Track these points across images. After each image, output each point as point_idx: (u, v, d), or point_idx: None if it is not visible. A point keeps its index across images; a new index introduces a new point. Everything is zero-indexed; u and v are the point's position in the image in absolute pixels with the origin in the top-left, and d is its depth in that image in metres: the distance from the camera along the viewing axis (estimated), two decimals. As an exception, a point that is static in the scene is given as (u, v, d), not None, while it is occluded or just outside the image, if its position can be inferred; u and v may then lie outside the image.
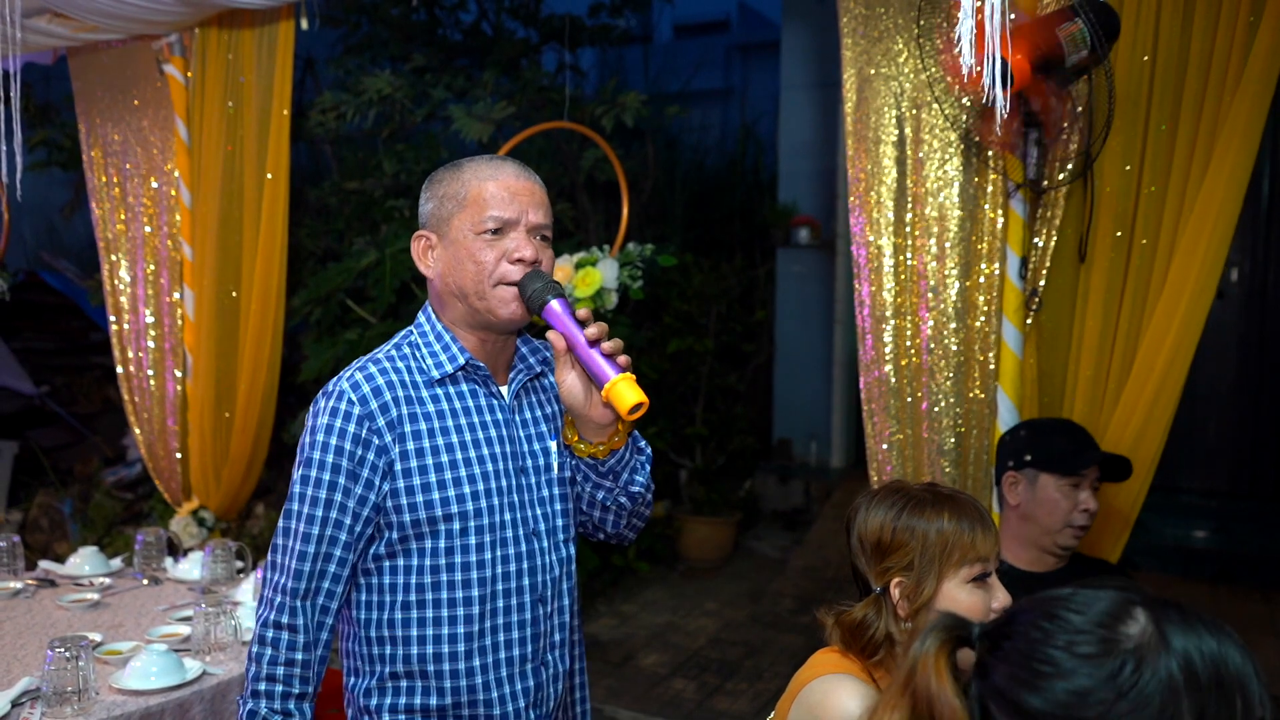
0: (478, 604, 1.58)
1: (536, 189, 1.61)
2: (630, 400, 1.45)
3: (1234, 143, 2.20)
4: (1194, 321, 2.29)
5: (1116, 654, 0.83)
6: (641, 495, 1.71)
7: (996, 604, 1.44)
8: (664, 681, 4.27)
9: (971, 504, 1.46)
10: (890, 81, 2.56)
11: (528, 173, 1.62)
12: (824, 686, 1.40)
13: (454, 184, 1.59)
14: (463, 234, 1.57)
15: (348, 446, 1.53)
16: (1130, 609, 0.86)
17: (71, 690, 1.98)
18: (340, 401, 1.54)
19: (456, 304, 1.60)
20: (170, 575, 2.93)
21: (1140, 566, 4.98)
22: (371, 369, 1.58)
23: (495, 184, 1.57)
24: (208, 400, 3.56)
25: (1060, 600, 0.89)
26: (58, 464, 5.69)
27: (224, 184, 3.49)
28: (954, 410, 2.54)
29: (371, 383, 1.56)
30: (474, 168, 1.60)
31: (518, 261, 1.56)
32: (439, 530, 1.56)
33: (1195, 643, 0.84)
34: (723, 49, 11.39)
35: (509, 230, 1.56)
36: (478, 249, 1.56)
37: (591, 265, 3.15)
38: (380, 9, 5.45)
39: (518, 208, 1.57)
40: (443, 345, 1.61)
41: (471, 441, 1.59)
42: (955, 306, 2.53)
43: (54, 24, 3.30)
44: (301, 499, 1.54)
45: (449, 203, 1.59)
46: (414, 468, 1.55)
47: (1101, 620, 0.86)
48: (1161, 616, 0.85)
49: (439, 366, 1.60)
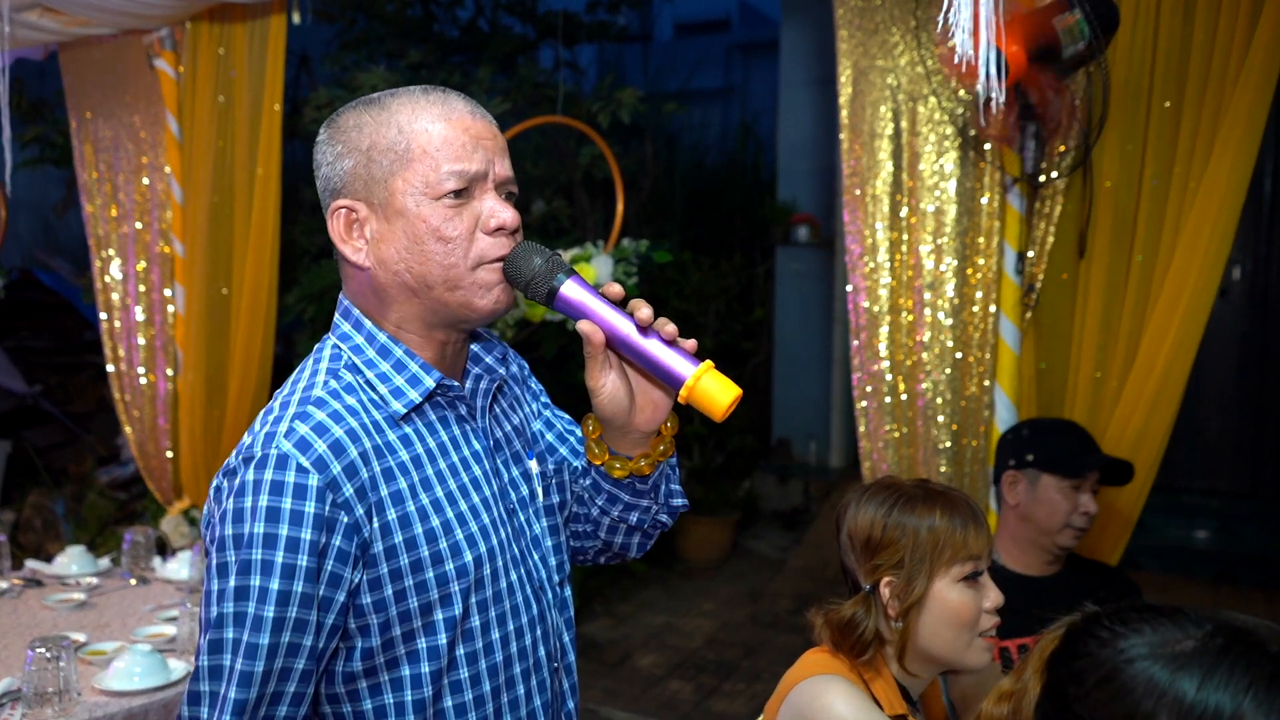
0: (491, 700, 1.19)
1: (496, 131, 1.20)
2: (728, 398, 1.11)
3: (1236, 136, 2.18)
4: (1196, 319, 2.26)
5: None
6: (680, 507, 1.36)
7: (988, 604, 1.41)
8: (661, 682, 4.24)
9: (964, 501, 1.43)
10: (886, 75, 2.53)
11: (482, 110, 1.20)
12: (813, 688, 1.36)
13: (384, 129, 1.14)
14: (412, 200, 1.13)
15: (306, 536, 1.04)
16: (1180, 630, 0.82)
17: (52, 691, 1.95)
18: (286, 472, 1.05)
19: (411, 300, 1.17)
20: (158, 575, 2.91)
21: (1142, 567, 4.95)
22: (317, 414, 1.10)
23: (448, 125, 1.14)
24: (198, 398, 3.53)
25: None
26: (51, 463, 5.67)
27: (215, 180, 3.46)
28: (950, 408, 2.51)
29: (325, 436, 1.08)
30: (409, 105, 1.15)
31: (497, 231, 1.15)
32: (435, 623, 1.14)
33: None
34: (723, 47, 11.39)
35: (476, 188, 1.15)
36: (440, 219, 1.13)
37: (585, 261, 3.12)
38: (376, 5, 5.43)
39: (483, 156, 1.15)
40: (393, 363, 1.17)
41: (459, 490, 1.18)
42: (952, 302, 2.50)
43: (44, 18, 3.26)
44: (238, 623, 1.03)
45: (382, 157, 1.14)
46: (398, 544, 1.11)
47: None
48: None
49: (400, 395, 1.16)
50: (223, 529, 1.07)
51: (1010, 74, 2.04)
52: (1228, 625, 0.80)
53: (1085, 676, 0.83)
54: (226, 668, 1.03)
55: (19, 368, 5.87)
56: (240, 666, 1.03)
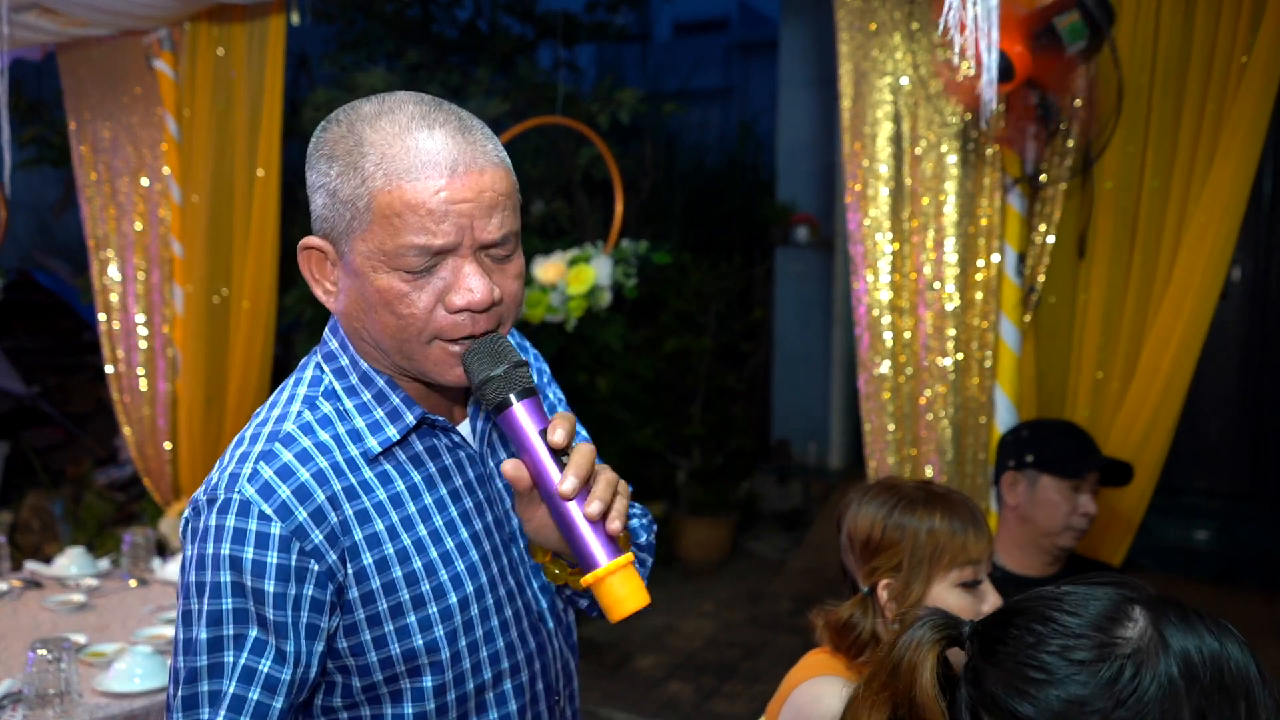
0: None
1: (487, 178, 1.00)
2: (631, 605, 0.98)
3: (1239, 137, 2.17)
4: (1199, 321, 2.25)
5: (1114, 659, 0.79)
6: (649, 560, 1.30)
7: (987, 608, 1.40)
8: (661, 684, 4.23)
9: (965, 504, 1.43)
10: (887, 76, 2.52)
11: (471, 150, 1.00)
12: (813, 690, 1.36)
13: (349, 175, 1.00)
14: (370, 265, 1.01)
15: (270, 589, 0.98)
16: (1128, 609, 0.82)
17: (54, 693, 1.95)
18: (248, 520, 0.99)
19: (373, 353, 1.09)
20: (158, 576, 2.91)
21: (1143, 567, 4.95)
22: (283, 455, 1.03)
23: (415, 189, 0.97)
24: (197, 400, 3.53)
25: (1054, 600, 0.85)
26: (49, 464, 5.66)
27: (214, 181, 3.46)
28: (951, 408, 2.50)
29: (290, 480, 1.01)
30: (378, 149, 0.99)
31: (462, 311, 1.02)
32: (420, 667, 1.07)
33: (1195, 643, 0.80)
34: (722, 47, 11.39)
35: (444, 259, 1.01)
36: (396, 295, 1.01)
37: (584, 262, 3.11)
38: (375, 5, 5.42)
39: (454, 226, 0.99)
40: (375, 393, 1.09)
41: (445, 527, 1.09)
42: (953, 303, 2.49)
43: (42, 19, 3.26)
44: (192, 677, 0.99)
45: (344, 209, 1.01)
46: (375, 590, 1.04)
47: (1098, 623, 0.81)
48: (1160, 616, 0.81)
49: (378, 431, 1.08)
50: (186, 576, 1.02)
51: (1018, 74, 2.04)
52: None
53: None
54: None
55: (17, 369, 5.86)
56: (205, 715, 0.98)
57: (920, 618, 0.91)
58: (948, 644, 0.90)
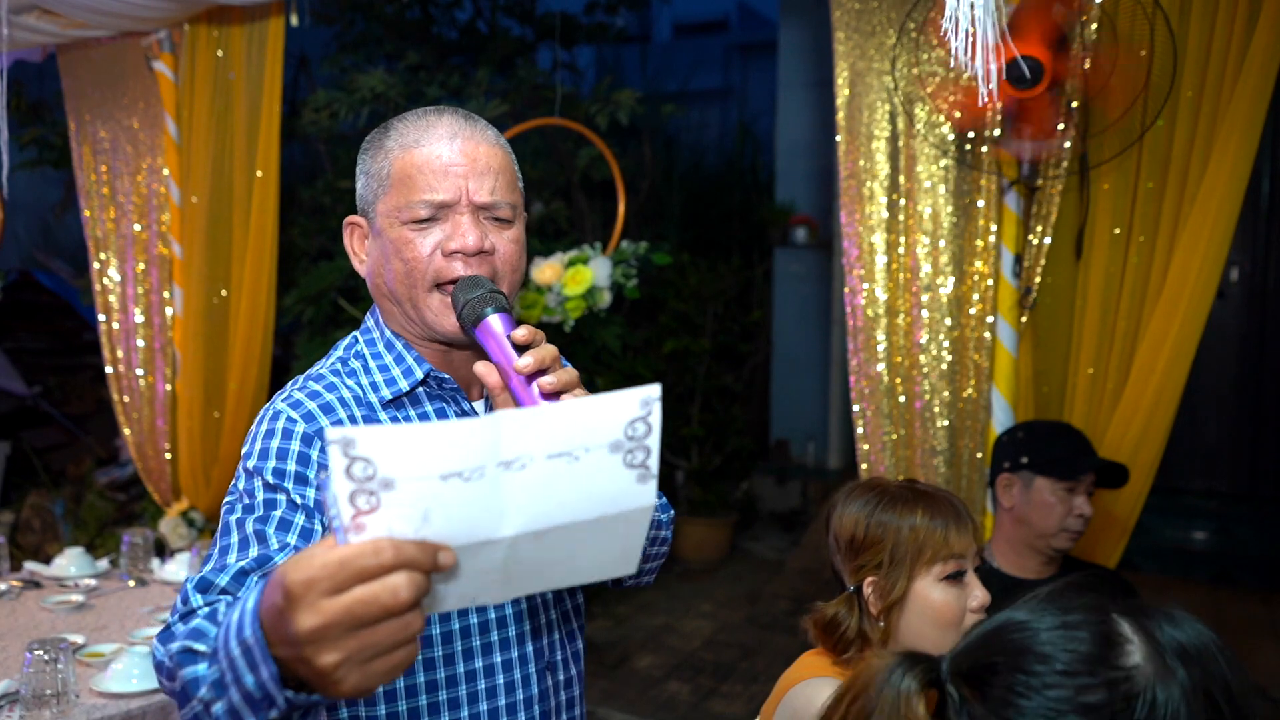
0: (464, 682, 1.23)
1: (483, 151, 1.23)
2: None
3: (1235, 137, 2.17)
4: (1195, 322, 2.26)
5: (1137, 694, 0.75)
6: (654, 551, 1.38)
7: (974, 603, 1.41)
8: (659, 684, 4.24)
9: (948, 501, 1.44)
10: (883, 77, 2.53)
11: (471, 129, 1.24)
12: (807, 691, 1.37)
13: (378, 156, 1.26)
14: (388, 222, 1.23)
15: (291, 467, 1.16)
16: (1114, 626, 0.78)
17: (50, 693, 1.95)
18: (278, 421, 1.20)
19: (394, 310, 1.28)
20: (157, 577, 2.91)
21: (1140, 568, 4.96)
22: (314, 386, 1.25)
23: (422, 153, 1.21)
24: (196, 400, 3.54)
25: (1025, 641, 0.79)
26: (50, 465, 5.67)
27: (213, 182, 3.47)
28: (947, 410, 2.51)
29: (317, 400, 1.22)
30: (399, 131, 1.25)
31: (456, 254, 1.21)
32: None
33: (1178, 634, 0.78)
34: (721, 48, 11.40)
35: (446, 214, 1.22)
36: (404, 242, 1.22)
37: (583, 263, 3.12)
38: (375, 6, 5.43)
39: (453, 184, 1.21)
40: (395, 356, 1.28)
41: None
42: (949, 304, 2.50)
43: (43, 21, 3.27)
44: (224, 530, 1.15)
45: (373, 182, 1.26)
46: None
47: (1096, 653, 0.77)
48: (1142, 622, 0.80)
49: (391, 383, 1.26)
50: (235, 480, 1.22)
51: (1047, 75, 2.04)
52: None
53: None
54: (234, 526, 1.13)
55: (18, 369, 5.87)
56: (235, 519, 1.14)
57: (892, 666, 0.84)
58: (929, 688, 0.84)
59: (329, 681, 0.72)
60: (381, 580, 0.69)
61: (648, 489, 0.80)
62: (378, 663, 0.72)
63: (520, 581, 0.82)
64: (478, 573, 0.77)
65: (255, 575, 1.06)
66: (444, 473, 0.71)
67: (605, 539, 0.82)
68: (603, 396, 0.75)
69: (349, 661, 0.71)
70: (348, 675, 0.72)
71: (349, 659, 0.71)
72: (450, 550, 0.73)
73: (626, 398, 0.76)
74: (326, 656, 0.71)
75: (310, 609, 0.70)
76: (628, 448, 0.78)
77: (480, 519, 0.74)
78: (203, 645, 0.92)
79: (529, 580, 0.83)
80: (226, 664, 0.81)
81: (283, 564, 0.74)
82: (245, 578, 1.06)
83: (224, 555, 1.09)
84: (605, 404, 0.76)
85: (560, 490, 0.76)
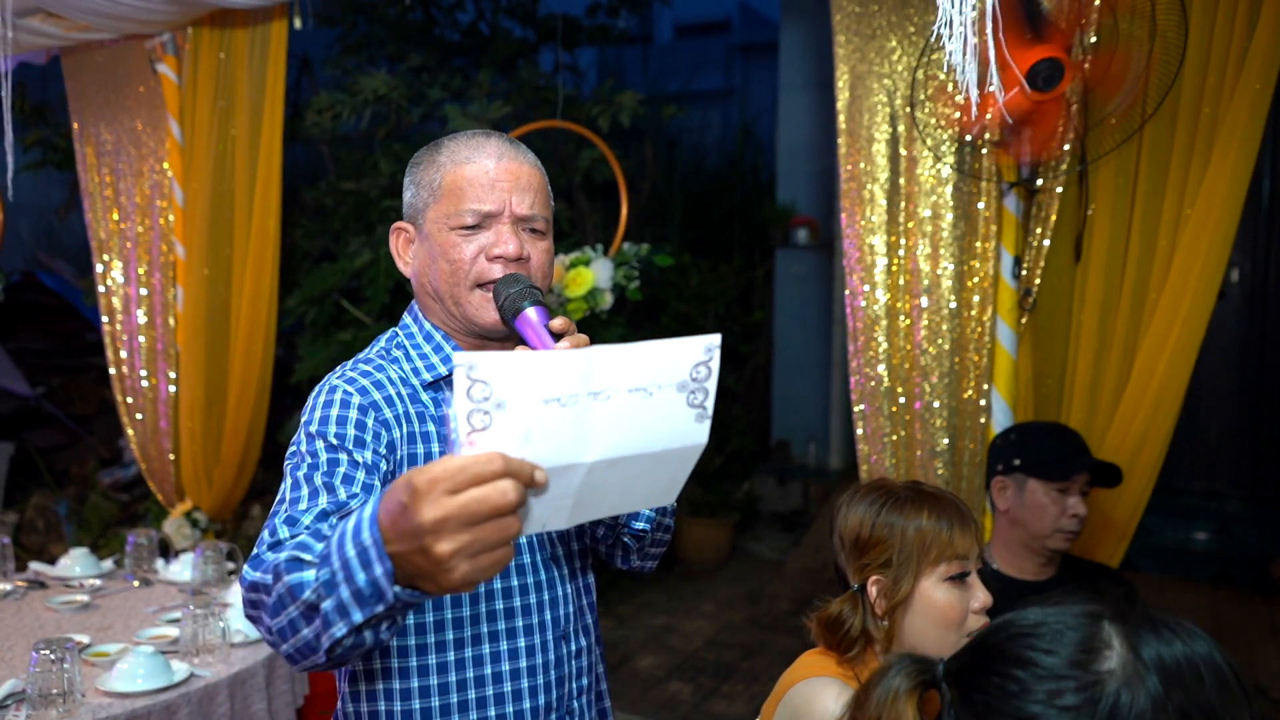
0: (488, 642, 1.36)
1: (524, 171, 1.39)
2: None
3: (1236, 139, 2.17)
4: (1196, 324, 2.25)
5: (1104, 696, 0.79)
6: (646, 534, 1.47)
7: (976, 604, 1.42)
8: (660, 684, 4.25)
9: (952, 502, 1.45)
10: (883, 79, 2.54)
11: (515, 151, 1.40)
12: (808, 690, 1.38)
13: (430, 169, 1.41)
14: (437, 228, 1.38)
15: (350, 431, 1.30)
16: (1102, 635, 0.81)
17: (57, 693, 1.96)
18: (335, 394, 1.33)
19: (436, 307, 1.42)
20: (161, 577, 2.92)
21: (1140, 568, 4.96)
22: (364, 367, 1.39)
23: (472, 169, 1.37)
24: (198, 401, 3.55)
25: (1025, 637, 0.83)
26: (54, 465, 5.69)
27: (216, 183, 3.48)
28: (947, 411, 2.52)
29: (369, 378, 1.36)
30: (451, 149, 1.40)
31: (498, 259, 1.36)
32: None
33: (1168, 649, 0.80)
34: (723, 49, 11.40)
35: (490, 223, 1.37)
36: (451, 245, 1.37)
37: (584, 265, 3.13)
38: (377, 9, 5.44)
39: (498, 197, 1.36)
40: (433, 346, 1.42)
41: None
42: (948, 306, 2.50)
43: (47, 23, 3.28)
44: (293, 485, 1.26)
45: (424, 191, 1.41)
46: None
47: (1075, 658, 0.80)
48: (1130, 631, 0.81)
49: (431, 369, 1.40)
50: (299, 431, 1.35)
51: (1065, 78, 2.05)
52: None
53: None
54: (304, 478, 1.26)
55: (21, 370, 5.89)
56: (303, 474, 1.26)
57: (890, 665, 0.90)
58: (924, 689, 0.89)
59: (443, 570, 0.84)
60: (493, 483, 0.82)
61: (703, 428, 0.91)
62: (483, 557, 0.84)
63: (584, 508, 0.92)
64: (555, 496, 0.88)
65: (334, 517, 1.20)
66: (546, 397, 0.82)
67: (660, 471, 0.93)
68: (674, 340, 0.86)
69: (461, 552, 0.83)
70: (459, 564, 0.84)
71: (461, 550, 0.83)
72: (543, 470, 0.84)
73: (694, 343, 0.87)
74: (444, 545, 0.83)
75: (433, 503, 0.82)
76: (691, 388, 0.88)
77: (569, 444, 0.85)
78: (309, 555, 1.04)
79: (591, 507, 0.93)
80: (340, 564, 0.93)
81: (407, 471, 0.86)
82: (326, 519, 1.20)
83: (298, 502, 1.22)
84: (677, 347, 0.86)
85: (634, 422, 0.87)
